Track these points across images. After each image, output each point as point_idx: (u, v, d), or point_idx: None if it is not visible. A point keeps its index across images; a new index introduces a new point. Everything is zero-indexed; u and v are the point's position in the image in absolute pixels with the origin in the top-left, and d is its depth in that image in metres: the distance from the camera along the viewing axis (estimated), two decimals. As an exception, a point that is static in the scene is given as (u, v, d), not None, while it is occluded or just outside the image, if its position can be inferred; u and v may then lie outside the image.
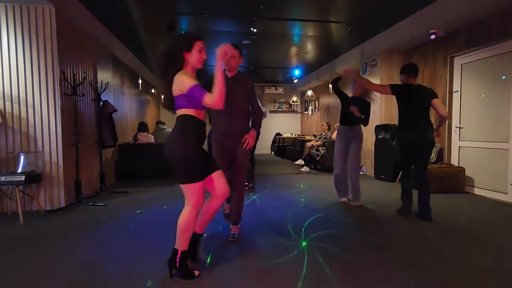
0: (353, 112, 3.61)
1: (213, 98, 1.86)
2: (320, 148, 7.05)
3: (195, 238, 2.16)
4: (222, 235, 2.78)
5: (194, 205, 1.97)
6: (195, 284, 1.92)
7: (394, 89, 3.34)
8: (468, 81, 4.66)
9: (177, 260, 1.97)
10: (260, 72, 9.61)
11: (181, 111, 1.97)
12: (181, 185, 1.96)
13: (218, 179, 2.10)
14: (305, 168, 7.06)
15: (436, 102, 3.21)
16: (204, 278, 1.99)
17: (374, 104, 3.98)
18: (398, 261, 2.25)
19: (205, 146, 2.17)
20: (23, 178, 3.25)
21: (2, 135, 3.61)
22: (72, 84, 3.98)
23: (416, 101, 3.25)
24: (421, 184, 3.24)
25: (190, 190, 1.95)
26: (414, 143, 3.23)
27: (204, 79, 2.33)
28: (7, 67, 3.58)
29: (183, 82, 1.89)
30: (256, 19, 4.90)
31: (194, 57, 2.03)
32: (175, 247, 2.00)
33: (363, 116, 3.71)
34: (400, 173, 3.49)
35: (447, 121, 4.91)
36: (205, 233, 2.46)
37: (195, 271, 2.02)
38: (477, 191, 4.50)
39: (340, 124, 3.95)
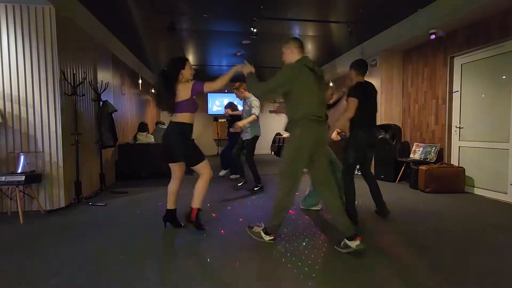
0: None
1: (210, 86, 2.69)
2: (320, 148, 7.04)
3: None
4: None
5: (208, 174, 2.79)
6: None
7: (357, 95, 3.11)
8: (468, 81, 4.66)
9: (193, 215, 2.78)
10: (260, 72, 9.59)
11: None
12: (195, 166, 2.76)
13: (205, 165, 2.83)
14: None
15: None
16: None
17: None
18: (397, 261, 2.25)
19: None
20: (23, 178, 3.25)
21: (2, 135, 3.61)
22: (72, 84, 3.98)
23: (369, 99, 3.20)
24: (373, 179, 3.33)
25: (205, 165, 2.80)
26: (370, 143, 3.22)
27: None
28: (7, 67, 3.58)
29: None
30: (256, 19, 4.90)
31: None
32: (192, 206, 2.79)
33: None
34: (349, 178, 3.15)
35: (447, 121, 4.92)
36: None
37: (204, 226, 2.82)
38: (477, 191, 4.50)
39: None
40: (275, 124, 11.74)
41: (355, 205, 3.14)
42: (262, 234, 2.60)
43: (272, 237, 2.59)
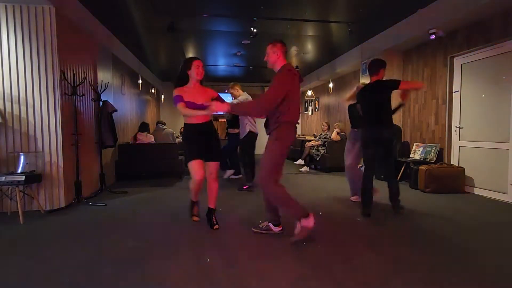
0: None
1: (179, 108, 2.77)
2: (320, 148, 7.05)
3: (209, 211, 3.03)
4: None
5: (192, 176, 2.83)
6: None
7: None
8: (468, 81, 4.66)
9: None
10: (260, 72, 9.61)
11: None
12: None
13: (207, 167, 2.93)
14: (305, 168, 7.06)
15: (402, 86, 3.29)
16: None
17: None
18: (398, 260, 2.25)
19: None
20: (23, 178, 3.25)
21: (2, 135, 3.61)
22: (72, 84, 3.98)
23: (370, 100, 3.40)
24: (368, 177, 3.44)
25: (189, 166, 2.83)
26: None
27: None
28: (7, 67, 3.58)
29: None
30: (256, 19, 4.90)
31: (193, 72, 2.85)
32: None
33: None
34: (365, 173, 3.45)
35: (447, 121, 4.92)
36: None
37: (195, 218, 3.11)
38: (477, 191, 4.50)
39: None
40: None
41: (367, 196, 3.36)
42: (272, 226, 2.79)
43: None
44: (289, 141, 2.66)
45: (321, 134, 7.44)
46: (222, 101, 2.91)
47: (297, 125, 2.77)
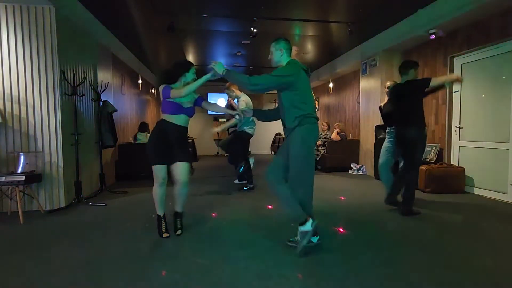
0: None
1: (173, 93, 2.59)
2: (320, 148, 7.05)
3: (175, 215, 2.87)
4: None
5: (154, 181, 2.72)
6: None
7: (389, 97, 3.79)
8: (468, 81, 4.66)
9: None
10: (260, 72, 9.60)
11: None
12: None
13: (175, 169, 2.71)
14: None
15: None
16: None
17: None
18: (397, 260, 2.25)
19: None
20: (23, 178, 3.25)
21: (2, 135, 3.61)
22: (72, 84, 3.98)
23: (400, 100, 3.48)
24: (400, 173, 3.63)
25: (153, 169, 2.69)
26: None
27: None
28: (7, 67, 3.58)
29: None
30: (256, 19, 4.90)
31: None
32: None
33: None
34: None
35: (447, 121, 4.92)
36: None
37: (166, 234, 2.73)
38: (477, 191, 4.49)
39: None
40: (275, 124, 11.72)
41: (392, 186, 3.52)
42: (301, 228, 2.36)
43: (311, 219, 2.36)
44: (312, 138, 2.44)
45: (321, 134, 7.45)
46: (203, 102, 2.89)
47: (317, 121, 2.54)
